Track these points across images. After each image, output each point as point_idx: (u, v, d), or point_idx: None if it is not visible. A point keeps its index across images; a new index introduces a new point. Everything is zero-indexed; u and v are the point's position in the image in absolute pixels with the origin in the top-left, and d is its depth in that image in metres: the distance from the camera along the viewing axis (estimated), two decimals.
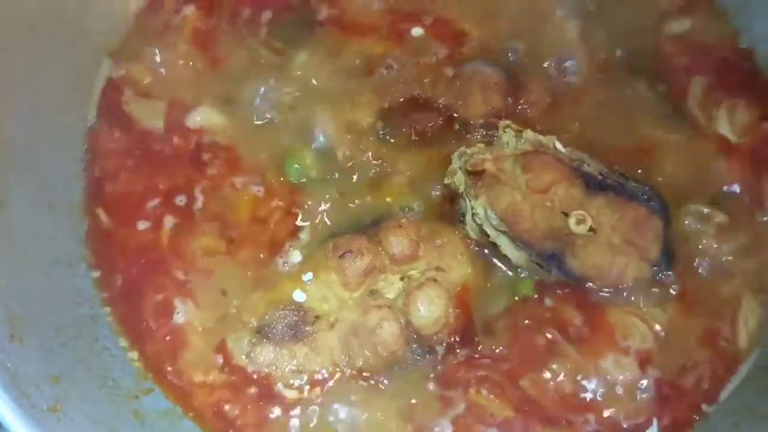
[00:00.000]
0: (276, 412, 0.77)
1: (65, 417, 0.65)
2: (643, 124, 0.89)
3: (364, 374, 0.78)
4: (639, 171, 0.86)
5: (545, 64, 0.92)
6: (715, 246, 0.84)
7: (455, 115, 0.90)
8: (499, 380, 0.79)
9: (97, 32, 0.89)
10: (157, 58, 0.90)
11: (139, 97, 0.89)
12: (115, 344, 0.79)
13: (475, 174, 0.80)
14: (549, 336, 0.81)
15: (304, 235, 0.83)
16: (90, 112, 0.88)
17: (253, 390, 0.77)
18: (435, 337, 0.79)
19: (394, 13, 0.94)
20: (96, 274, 0.81)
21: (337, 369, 0.78)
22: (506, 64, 0.92)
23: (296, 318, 0.78)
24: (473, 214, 0.81)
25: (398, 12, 0.94)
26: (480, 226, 0.81)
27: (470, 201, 0.81)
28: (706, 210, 0.85)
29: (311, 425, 0.77)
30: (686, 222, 0.85)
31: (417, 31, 0.94)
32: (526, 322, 0.81)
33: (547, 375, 0.79)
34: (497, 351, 0.80)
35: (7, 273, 0.70)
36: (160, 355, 0.79)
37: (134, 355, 0.79)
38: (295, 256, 0.82)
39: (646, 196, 0.81)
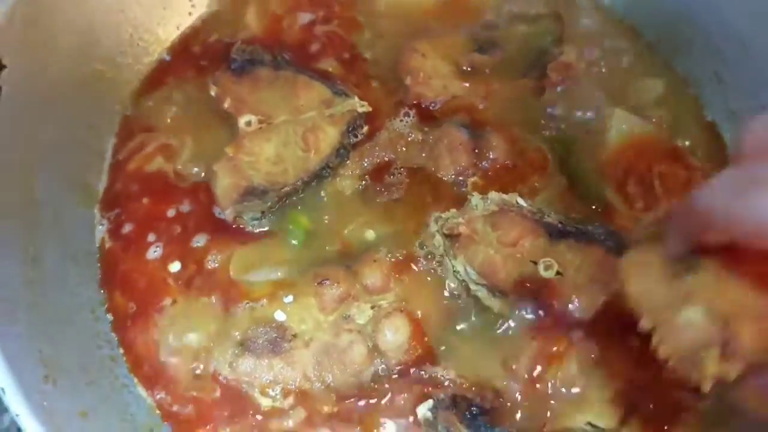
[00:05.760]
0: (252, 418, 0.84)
1: None
2: None
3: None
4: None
5: None
6: None
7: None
8: None
9: None
10: None
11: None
12: (132, 381, 0.86)
13: (451, 237, 0.88)
14: None
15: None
16: (102, 178, 0.98)
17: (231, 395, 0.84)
18: (398, 361, 0.86)
19: None
20: (111, 317, 0.89)
21: (308, 383, 0.85)
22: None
23: (276, 335, 0.86)
24: (455, 271, 0.88)
25: None
26: (462, 282, 0.88)
27: (451, 260, 0.88)
28: None
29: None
30: None
31: None
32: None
33: None
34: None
35: (41, 319, 0.78)
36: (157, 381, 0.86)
37: (144, 391, 0.85)
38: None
39: (602, 237, 0.87)
